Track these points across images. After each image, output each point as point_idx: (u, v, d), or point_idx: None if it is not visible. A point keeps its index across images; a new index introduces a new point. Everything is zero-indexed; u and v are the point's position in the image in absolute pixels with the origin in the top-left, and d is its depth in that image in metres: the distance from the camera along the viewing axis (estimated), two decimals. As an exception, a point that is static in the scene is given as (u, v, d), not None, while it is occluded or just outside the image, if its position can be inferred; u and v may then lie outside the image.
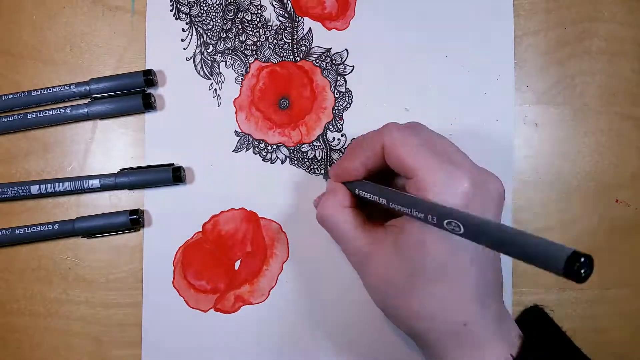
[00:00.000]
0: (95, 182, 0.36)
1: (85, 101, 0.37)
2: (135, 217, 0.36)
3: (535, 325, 0.32)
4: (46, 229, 0.36)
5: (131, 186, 0.36)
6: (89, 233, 0.36)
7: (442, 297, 0.26)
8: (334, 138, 0.37)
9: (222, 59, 0.37)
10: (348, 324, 0.36)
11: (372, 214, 0.32)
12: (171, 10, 0.37)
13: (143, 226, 0.36)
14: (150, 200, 0.37)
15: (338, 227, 0.30)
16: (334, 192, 0.31)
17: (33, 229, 0.36)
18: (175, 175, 0.35)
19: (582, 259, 0.19)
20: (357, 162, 0.30)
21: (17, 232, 0.36)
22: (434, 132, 0.29)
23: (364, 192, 0.30)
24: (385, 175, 0.31)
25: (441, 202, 0.25)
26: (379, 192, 0.28)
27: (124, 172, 0.36)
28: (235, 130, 0.37)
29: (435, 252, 0.26)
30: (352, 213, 0.30)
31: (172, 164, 0.36)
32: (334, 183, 0.32)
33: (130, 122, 0.37)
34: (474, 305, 0.26)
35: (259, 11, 0.37)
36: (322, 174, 0.37)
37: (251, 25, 0.37)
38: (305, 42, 0.37)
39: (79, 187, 0.36)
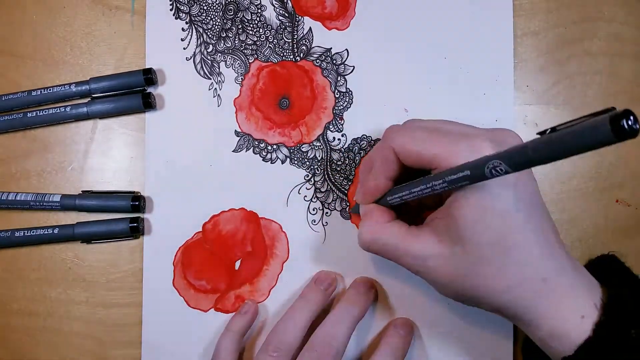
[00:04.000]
0: (56, 198, 0.36)
1: (85, 100, 0.37)
2: (135, 224, 0.36)
3: (609, 273, 0.31)
4: (46, 232, 0.36)
5: (89, 209, 0.36)
6: (88, 239, 0.36)
7: (513, 264, 0.26)
8: (334, 138, 0.37)
9: (222, 58, 0.37)
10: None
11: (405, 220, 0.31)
12: (171, 10, 0.37)
13: (143, 234, 0.36)
14: (150, 199, 0.37)
15: (387, 245, 0.29)
16: (369, 214, 0.31)
17: (33, 232, 0.36)
18: (133, 204, 0.36)
19: (626, 116, 0.18)
20: (380, 177, 0.30)
21: (16, 234, 0.36)
22: (430, 120, 0.30)
23: (398, 197, 0.29)
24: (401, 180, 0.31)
25: None
26: (417, 186, 0.28)
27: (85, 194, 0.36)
28: (236, 130, 0.37)
29: (492, 223, 0.26)
30: (396, 225, 0.30)
31: (132, 193, 0.36)
32: (365, 206, 0.32)
33: (131, 122, 0.37)
34: (545, 260, 0.26)
35: (259, 10, 0.37)
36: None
37: (251, 25, 0.37)
38: (305, 41, 0.37)
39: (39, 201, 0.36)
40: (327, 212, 0.37)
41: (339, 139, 0.37)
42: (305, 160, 0.37)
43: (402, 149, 0.28)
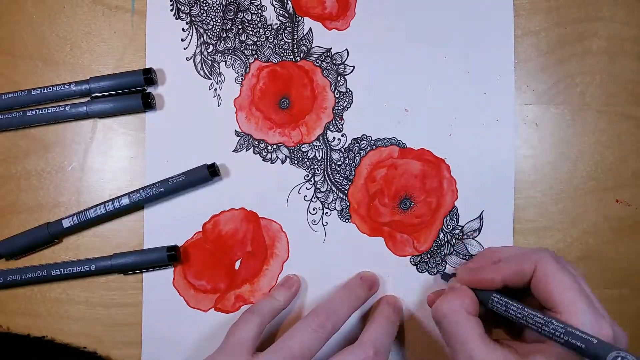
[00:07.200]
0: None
1: (85, 100, 0.37)
2: (173, 252, 0.35)
3: None
4: (82, 269, 0.35)
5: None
6: (125, 270, 0.36)
7: None
8: (334, 138, 0.37)
9: (222, 58, 0.37)
10: (348, 322, 0.36)
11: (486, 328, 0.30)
12: (171, 10, 0.37)
13: (180, 262, 0.36)
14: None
15: (459, 333, 0.29)
16: (461, 294, 0.30)
17: (69, 269, 0.35)
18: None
19: None
20: (499, 276, 0.30)
21: (52, 272, 0.35)
22: (583, 279, 0.30)
23: (497, 306, 0.29)
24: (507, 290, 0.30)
25: None
26: (523, 313, 0.28)
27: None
28: (236, 130, 0.37)
29: None
30: (477, 322, 0.29)
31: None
32: (461, 286, 0.31)
33: (131, 122, 0.37)
34: None
35: (259, 11, 0.37)
36: (439, 271, 0.36)
37: (251, 25, 0.37)
38: (305, 42, 0.37)
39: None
40: (327, 212, 0.37)
41: (339, 139, 0.37)
42: (305, 160, 0.37)
43: (542, 279, 0.28)
